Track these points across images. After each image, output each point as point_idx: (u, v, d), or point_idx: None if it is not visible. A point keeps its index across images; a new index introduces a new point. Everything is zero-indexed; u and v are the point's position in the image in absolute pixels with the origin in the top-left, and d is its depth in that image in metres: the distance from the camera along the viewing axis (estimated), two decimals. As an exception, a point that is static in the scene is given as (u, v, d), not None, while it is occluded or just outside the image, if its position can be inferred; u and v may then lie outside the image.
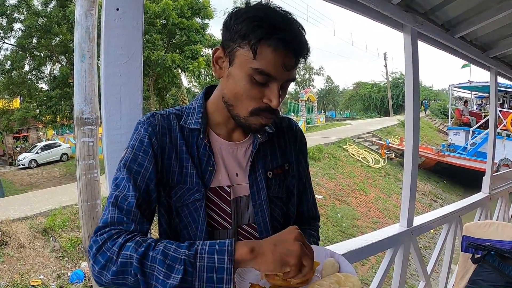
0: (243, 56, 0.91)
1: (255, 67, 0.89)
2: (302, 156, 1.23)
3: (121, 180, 0.94)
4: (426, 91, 38.32)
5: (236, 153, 1.08)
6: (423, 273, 2.91)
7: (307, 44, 0.95)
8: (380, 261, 8.15)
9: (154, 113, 1.03)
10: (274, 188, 1.11)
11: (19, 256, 6.59)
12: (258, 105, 0.94)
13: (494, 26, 2.80)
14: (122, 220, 0.88)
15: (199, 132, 1.03)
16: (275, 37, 0.87)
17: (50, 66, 18.46)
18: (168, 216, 1.03)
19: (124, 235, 0.85)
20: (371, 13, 2.07)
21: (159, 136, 1.00)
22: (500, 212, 4.17)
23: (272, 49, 0.88)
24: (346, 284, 0.88)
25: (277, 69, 0.90)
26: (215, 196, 1.04)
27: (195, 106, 1.07)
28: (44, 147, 22.35)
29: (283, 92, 0.96)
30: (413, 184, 2.53)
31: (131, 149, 0.98)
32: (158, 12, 15.71)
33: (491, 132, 4.11)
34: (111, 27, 1.15)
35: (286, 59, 0.90)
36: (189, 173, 1.01)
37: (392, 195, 13.37)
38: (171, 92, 21.37)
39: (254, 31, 0.88)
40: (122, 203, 0.90)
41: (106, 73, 1.17)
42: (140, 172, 0.95)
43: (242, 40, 0.90)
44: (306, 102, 28.36)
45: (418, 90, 2.47)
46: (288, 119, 1.24)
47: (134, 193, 0.91)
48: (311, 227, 1.26)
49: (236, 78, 0.94)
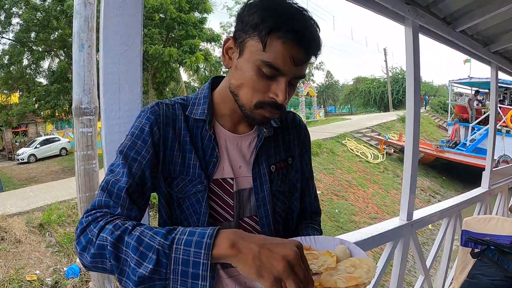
0: (253, 47, 0.90)
1: (263, 59, 0.88)
2: (305, 151, 1.22)
3: (117, 166, 0.93)
4: (426, 86, 38.33)
5: (241, 145, 1.07)
6: (422, 267, 2.91)
7: (319, 41, 0.92)
8: (378, 257, 8.18)
9: (159, 102, 1.02)
10: (277, 182, 1.10)
11: (15, 251, 6.61)
12: (263, 99, 0.93)
13: (496, 20, 2.78)
14: (109, 203, 0.87)
15: (204, 123, 1.02)
16: (285, 28, 0.86)
17: (49, 60, 18.42)
18: (169, 207, 1.02)
19: (107, 217, 0.83)
20: (372, 5, 2.05)
21: (161, 126, 0.98)
22: (500, 207, 4.18)
23: (282, 41, 0.86)
24: (362, 266, 0.87)
25: (286, 62, 0.88)
26: (218, 187, 1.03)
27: (201, 96, 1.06)
28: (43, 141, 22.29)
29: (292, 89, 0.95)
30: (413, 177, 2.52)
31: (131, 136, 0.97)
32: (156, 6, 15.63)
33: (491, 127, 4.11)
34: (110, 16, 1.14)
35: (296, 52, 0.88)
36: (192, 164, 1.00)
37: (391, 190, 13.40)
38: (170, 87, 21.32)
39: (265, 21, 0.87)
40: (112, 187, 0.89)
41: (105, 62, 1.15)
42: (137, 159, 0.94)
43: (253, 31, 0.89)
44: (306, 97, 28.39)
45: (419, 82, 2.46)
46: (293, 114, 1.23)
47: (127, 179, 0.90)
48: (313, 221, 1.26)
49: (244, 69, 0.92)
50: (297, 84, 0.99)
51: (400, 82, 37.33)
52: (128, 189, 0.89)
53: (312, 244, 0.99)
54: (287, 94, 0.91)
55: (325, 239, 1.01)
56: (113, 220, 0.82)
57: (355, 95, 44.17)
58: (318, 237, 1.03)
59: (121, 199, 0.88)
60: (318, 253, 0.93)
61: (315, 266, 0.87)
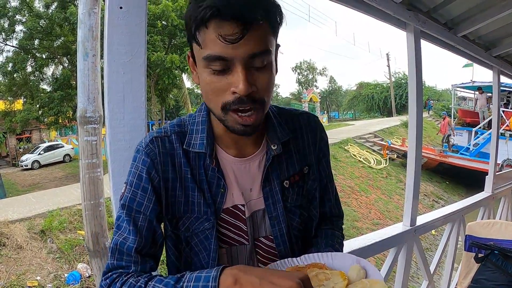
0: (196, 51, 0.83)
1: (204, 56, 0.79)
2: (323, 156, 1.14)
3: (122, 221, 0.92)
4: (429, 91, 38.16)
5: (249, 168, 1.00)
6: (426, 273, 2.90)
7: (256, 2, 0.78)
8: (380, 263, 8.13)
9: (153, 138, 0.95)
10: (292, 197, 1.04)
11: (16, 257, 6.62)
12: (226, 98, 0.81)
13: (497, 24, 2.80)
14: (122, 264, 0.89)
15: (205, 155, 0.95)
16: (201, 15, 0.76)
17: (52, 67, 18.53)
18: (176, 248, 1.00)
19: (122, 278, 0.86)
20: (374, 12, 2.07)
21: (160, 167, 0.93)
22: (503, 212, 4.16)
23: (206, 28, 0.77)
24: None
25: (220, 45, 0.76)
26: (230, 216, 0.99)
27: (199, 120, 0.98)
28: (47, 148, 22.38)
29: (261, 73, 0.82)
30: (417, 183, 2.52)
31: (130, 186, 0.93)
32: (158, 14, 15.75)
33: (494, 131, 4.10)
34: (114, 25, 1.14)
35: (222, 28, 0.75)
36: (196, 202, 0.96)
37: (394, 196, 13.33)
38: (173, 93, 21.38)
39: (189, 18, 0.80)
40: (121, 247, 0.90)
41: (109, 71, 1.16)
42: (140, 211, 0.92)
43: (190, 36, 0.83)
44: (309, 103, 28.41)
45: (421, 88, 2.46)
46: (307, 115, 1.12)
47: (134, 237, 0.90)
48: (334, 226, 1.19)
49: (201, 78, 0.84)
50: (269, 64, 0.83)
51: (403, 87, 37.20)
52: (137, 248, 0.90)
53: (329, 261, 0.96)
54: (248, 82, 0.79)
55: (342, 257, 0.98)
56: (127, 279, 0.85)
57: (358, 100, 44.06)
58: (335, 254, 0.99)
59: (132, 257, 0.90)
60: (331, 273, 0.91)
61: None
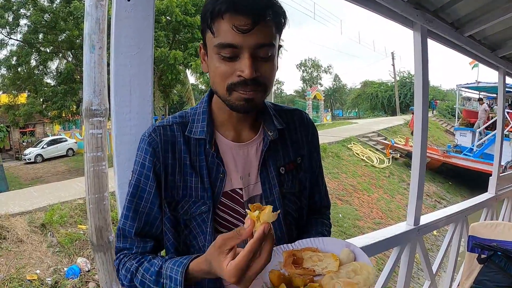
0: (209, 40, 0.93)
1: (216, 43, 0.90)
2: (314, 149, 1.22)
3: (125, 207, 1.04)
4: (434, 91, 37.99)
5: (247, 153, 1.07)
6: (429, 273, 2.89)
7: (267, 2, 0.90)
8: (381, 263, 8.10)
9: (156, 127, 1.04)
10: (287, 184, 1.11)
11: (17, 250, 6.63)
12: (232, 80, 0.91)
13: (503, 25, 2.77)
14: (126, 246, 1.04)
15: (205, 142, 1.02)
16: (219, 7, 0.87)
17: (56, 61, 18.53)
18: (175, 229, 1.05)
19: (123, 260, 1.02)
20: (381, 10, 2.05)
21: (161, 154, 1.01)
22: (506, 213, 4.15)
23: (221, 18, 0.87)
24: (362, 272, 0.91)
25: (232, 34, 0.87)
26: (229, 200, 1.05)
27: (200, 111, 1.07)
28: (50, 142, 22.48)
29: (266, 62, 0.93)
30: (421, 182, 2.51)
31: (134, 174, 1.03)
32: (162, 9, 15.71)
33: (499, 133, 4.08)
34: (121, 17, 1.14)
35: (236, 20, 0.86)
36: (194, 187, 1.02)
37: (396, 195, 13.28)
38: (177, 89, 21.38)
39: (207, 11, 0.90)
40: (124, 231, 1.03)
41: (115, 64, 1.15)
42: (143, 197, 1.02)
43: (206, 26, 0.92)
44: (313, 100, 28.34)
45: (427, 88, 2.45)
46: (300, 112, 1.23)
47: (132, 222, 1.02)
48: (323, 215, 1.30)
49: (211, 64, 0.95)
50: (273, 54, 0.95)
51: (407, 86, 37.08)
52: (136, 231, 1.02)
53: (320, 245, 1.02)
54: (253, 68, 0.89)
55: (332, 241, 1.03)
56: (125, 263, 1.02)
57: (363, 99, 43.90)
58: (326, 238, 1.05)
59: (134, 241, 1.03)
60: (324, 255, 0.97)
61: (318, 268, 0.93)
